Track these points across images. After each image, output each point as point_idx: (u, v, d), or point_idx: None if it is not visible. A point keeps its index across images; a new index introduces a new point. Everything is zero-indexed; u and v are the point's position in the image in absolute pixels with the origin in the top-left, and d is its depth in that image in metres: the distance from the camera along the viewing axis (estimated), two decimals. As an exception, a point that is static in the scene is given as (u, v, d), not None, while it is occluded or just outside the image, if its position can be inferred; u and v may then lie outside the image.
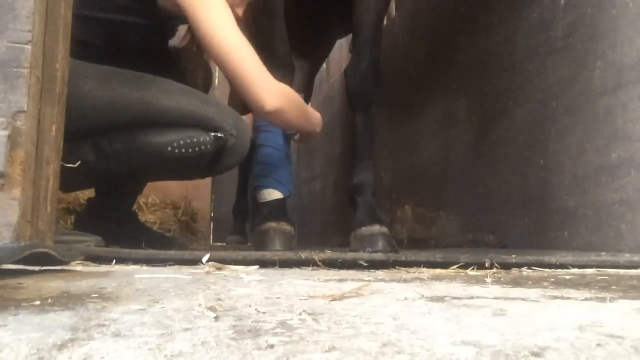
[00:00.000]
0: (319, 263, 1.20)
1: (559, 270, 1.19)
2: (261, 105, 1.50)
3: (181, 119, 1.53)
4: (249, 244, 3.24)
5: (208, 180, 4.78)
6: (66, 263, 0.99)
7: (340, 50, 3.83)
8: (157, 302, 0.63)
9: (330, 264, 1.21)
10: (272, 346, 0.44)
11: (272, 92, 1.51)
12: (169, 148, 1.52)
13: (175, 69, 1.82)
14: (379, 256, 1.32)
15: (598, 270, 1.19)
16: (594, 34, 1.71)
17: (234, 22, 1.48)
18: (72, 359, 0.42)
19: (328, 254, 1.30)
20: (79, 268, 1.03)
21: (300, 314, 0.56)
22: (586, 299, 0.71)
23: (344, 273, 1.09)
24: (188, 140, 1.52)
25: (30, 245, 0.82)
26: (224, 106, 1.64)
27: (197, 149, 1.53)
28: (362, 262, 1.22)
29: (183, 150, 1.52)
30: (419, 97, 2.96)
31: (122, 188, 1.89)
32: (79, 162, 1.47)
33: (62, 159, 1.21)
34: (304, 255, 1.22)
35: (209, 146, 1.55)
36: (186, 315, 0.55)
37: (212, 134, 1.55)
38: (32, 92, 0.89)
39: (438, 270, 1.16)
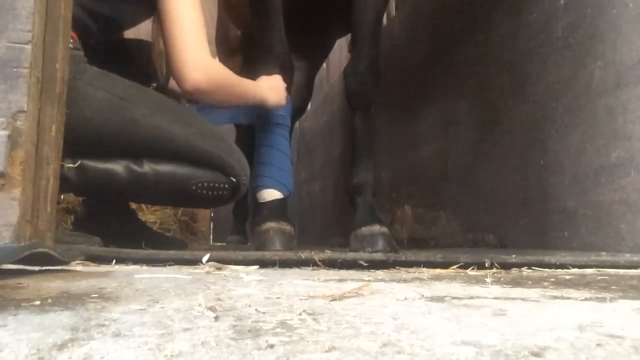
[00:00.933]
0: (319, 263, 1.20)
1: (559, 270, 1.19)
2: (180, 80, 1.55)
3: (211, 161, 1.65)
4: (249, 244, 3.24)
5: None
6: (66, 263, 0.99)
7: (340, 50, 3.83)
8: (157, 302, 0.63)
9: (330, 264, 1.20)
10: (272, 346, 0.44)
11: (196, 69, 1.54)
12: (194, 187, 1.63)
13: (134, 61, 1.86)
14: (379, 256, 1.32)
15: (598, 270, 1.18)
16: (594, 34, 1.71)
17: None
18: (72, 359, 0.42)
19: (328, 254, 1.30)
20: (79, 268, 1.03)
21: (300, 314, 0.56)
22: (586, 299, 0.71)
23: (344, 273, 1.09)
24: (211, 184, 1.64)
25: (30, 245, 0.82)
26: (242, 154, 1.76)
27: (216, 192, 1.66)
28: (362, 262, 1.22)
29: (205, 191, 1.64)
30: (419, 97, 2.96)
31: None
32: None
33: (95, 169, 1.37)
34: (304, 255, 1.22)
35: (226, 192, 1.68)
36: (186, 315, 0.55)
37: (232, 178, 1.67)
38: (32, 92, 0.89)
39: (438, 270, 1.16)
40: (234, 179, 1.67)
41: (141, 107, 1.58)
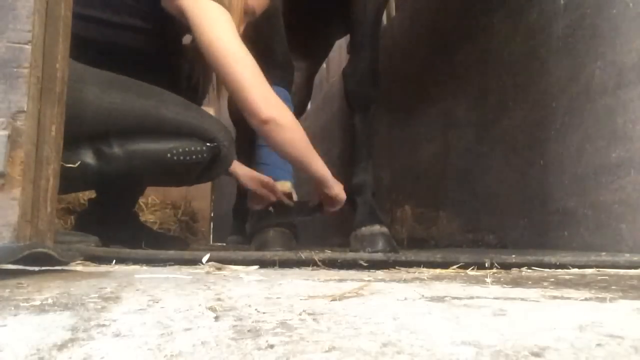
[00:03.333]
0: (319, 263, 1.20)
1: (559, 270, 1.19)
2: (257, 112, 1.53)
3: (179, 128, 1.61)
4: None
5: (208, 180, 4.78)
6: (65, 263, 0.99)
7: (340, 50, 3.83)
8: (157, 302, 0.63)
9: (330, 264, 1.20)
10: (272, 346, 0.44)
11: (269, 103, 1.53)
12: (169, 155, 1.59)
13: (176, 74, 1.87)
14: (379, 256, 1.32)
15: (598, 270, 1.18)
16: (594, 34, 1.71)
17: (236, 33, 1.54)
18: (72, 359, 0.42)
19: (328, 254, 1.30)
20: (79, 268, 1.03)
21: (300, 314, 0.56)
22: (586, 299, 0.71)
23: (344, 273, 1.09)
24: (187, 149, 1.60)
25: (30, 245, 0.82)
26: (216, 119, 1.74)
27: (194, 157, 1.61)
28: (362, 262, 1.22)
29: (181, 157, 1.60)
30: (419, 97, 2.96)
31: (123, 189, 1.89)
32: (79, 163, 1.50)
33: (62, 162, 1.25)
34: (304, 255, 1.22)
35: (205, 155, 1.63)
36: (186, 315, 0.55)
37: (208, 144, 1.63)
38: (32, 92, 0.89)
39: (438, 270, 1.16)
40: (210, 144, 1.64)
41: (90, 87, 1.52)
